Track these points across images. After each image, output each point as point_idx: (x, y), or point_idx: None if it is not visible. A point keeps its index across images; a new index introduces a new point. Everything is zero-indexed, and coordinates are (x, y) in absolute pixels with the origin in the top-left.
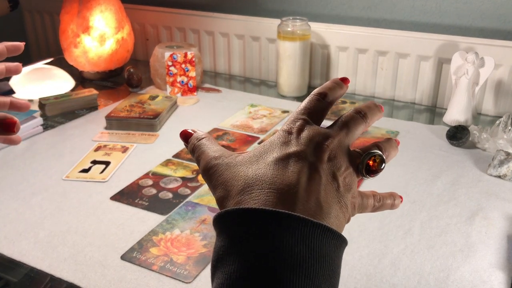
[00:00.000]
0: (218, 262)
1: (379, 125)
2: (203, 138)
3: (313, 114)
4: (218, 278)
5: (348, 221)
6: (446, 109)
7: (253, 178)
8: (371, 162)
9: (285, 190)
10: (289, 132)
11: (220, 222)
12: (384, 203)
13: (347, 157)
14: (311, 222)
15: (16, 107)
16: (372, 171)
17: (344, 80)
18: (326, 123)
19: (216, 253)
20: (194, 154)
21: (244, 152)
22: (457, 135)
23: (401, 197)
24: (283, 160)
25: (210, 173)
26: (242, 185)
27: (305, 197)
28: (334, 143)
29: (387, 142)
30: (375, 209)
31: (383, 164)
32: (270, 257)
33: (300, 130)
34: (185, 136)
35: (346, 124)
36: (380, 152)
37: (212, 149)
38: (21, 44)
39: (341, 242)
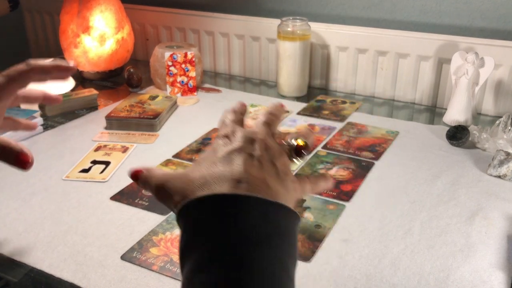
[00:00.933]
0: (185, 252)
1: (379, 125)
2: (150, 169)
3: (238, 121)
4: (187, 266)
5: (294, 204)
6: (446, 109)
7: (206, 177)
8: (297, 146)
9: (235, 179)
10: (225, 136)
11: (183, 215)
12: (318, 185)
13: (277, 147)
14: (267, 201)
15: (49, 100)
16: (300, 152)
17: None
18: (327, 122)
19: (182, 245)
20: (146, 183)
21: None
22: (457, 135)
23: (332, 178)
24: (227, 157)
25: (165, 188)
26: (199, 184)
27: (254, 182)
28: (266, 136)
29: (303, 130)
30: (313, 190)
31: (308, 146)
32: (233, 236)
33: (234, 132)
34: (136, 175)
35: (267, 123)
36: (300, 137)
37: (159, 171)
38: (74, 67)
39: (295, 217)
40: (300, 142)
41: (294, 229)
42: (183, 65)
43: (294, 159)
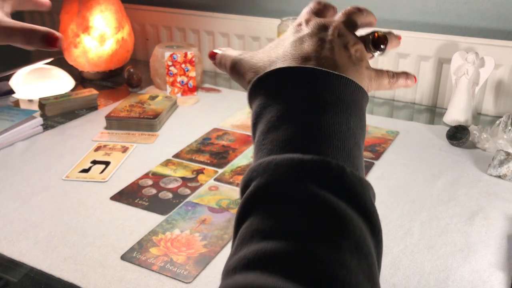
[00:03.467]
0: (258, 117)
1: (379, 125)
2: (226, 49)
3: (317, 12)
4: (260, 127)
5: (368, 91)
6: (446, 109)
7: (276, 57)
8: (376, 36)
9: (304, 57)
10: (299, 24)
11: (255, 88)
12: (398, 80)
13: (354, 35)
14: (334, 74)
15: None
16: (379, 44)
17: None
18: None
19: (255, 113)
20: (221, 63)
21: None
22: (457, 135)
23: (415, 78)
24: (298, 41)
25: (238, 66)
26: (268, 64)
27: (322, 60)
28: (341, 25)
29: (388, 33)
30: (391, 84)
31: (387, 39)
32: (304, 101)
33: (308, 21)
34: (213, 55)
35: (347, 14)
36: (383, 31)
37: (234, 51)
38: None
39: (363, 93)
40: (380, 35)
41: (361, 103)
42: (183, 65)
43: (371, 51)
